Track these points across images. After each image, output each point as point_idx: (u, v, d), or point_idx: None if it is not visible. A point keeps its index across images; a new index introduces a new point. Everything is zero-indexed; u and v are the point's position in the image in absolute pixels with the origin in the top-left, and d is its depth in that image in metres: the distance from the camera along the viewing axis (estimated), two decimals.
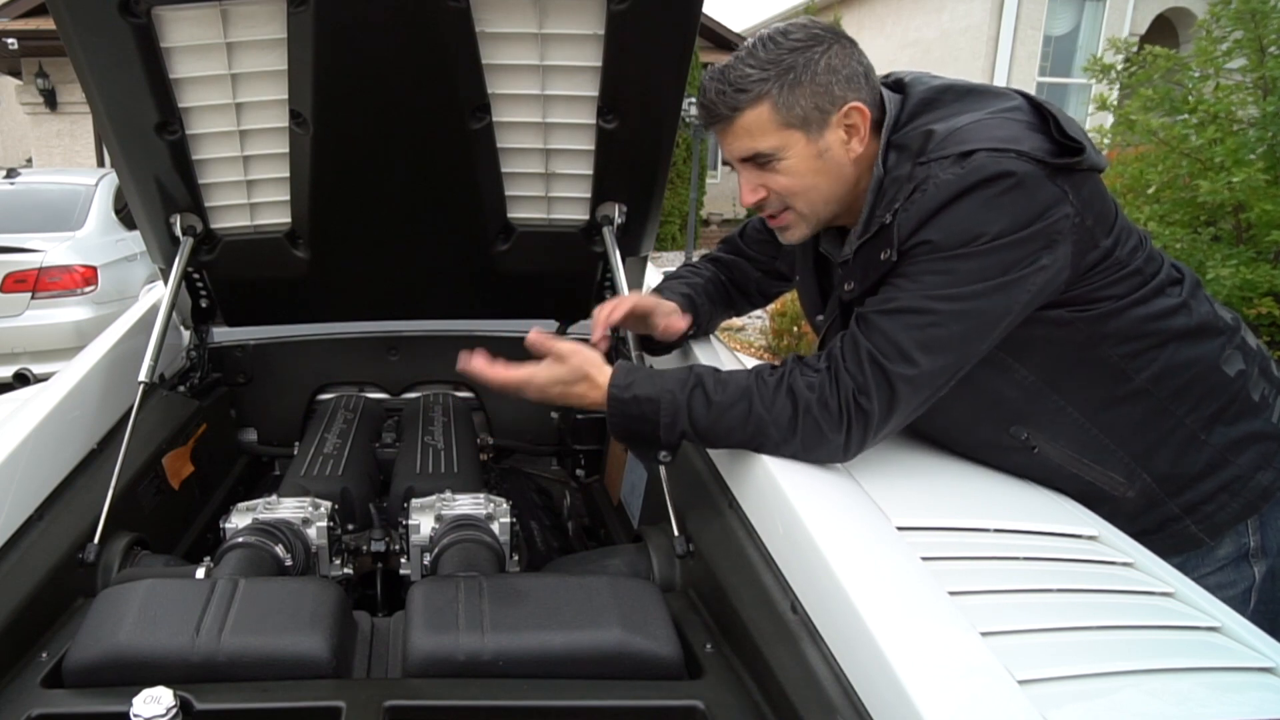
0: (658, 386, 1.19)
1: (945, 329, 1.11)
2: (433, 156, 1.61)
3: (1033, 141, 1.10)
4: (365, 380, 2.36)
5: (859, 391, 1.13)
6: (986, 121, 1.14)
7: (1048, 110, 1.14)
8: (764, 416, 1.16)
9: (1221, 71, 4.60)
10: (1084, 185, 1.12)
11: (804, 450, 1.16)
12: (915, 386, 1.13)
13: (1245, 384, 1.23)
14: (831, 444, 1.14)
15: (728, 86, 1.18)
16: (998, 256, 1.09)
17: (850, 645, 0.88)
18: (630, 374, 1.21)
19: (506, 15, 1.42)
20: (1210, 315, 1.24)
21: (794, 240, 1.32)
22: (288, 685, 0.98)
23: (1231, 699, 0.83)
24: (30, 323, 4.79)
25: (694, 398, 1.18)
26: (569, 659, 1.02)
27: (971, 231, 1.09)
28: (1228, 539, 1.28)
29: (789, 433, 1.15)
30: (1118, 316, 1.17)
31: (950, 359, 1.13)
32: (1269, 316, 4.28)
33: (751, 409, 1.16)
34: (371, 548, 1.57)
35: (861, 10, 13.96)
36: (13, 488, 1.26)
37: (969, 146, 1.10)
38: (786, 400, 1.15)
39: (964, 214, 1.09)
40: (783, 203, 1.25)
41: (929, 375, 1.12)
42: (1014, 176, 1.07)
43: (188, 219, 1.73)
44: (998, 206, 1.08)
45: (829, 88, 1.16)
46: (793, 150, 1.19)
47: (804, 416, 1.14)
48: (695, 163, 11.00)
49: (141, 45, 1.39)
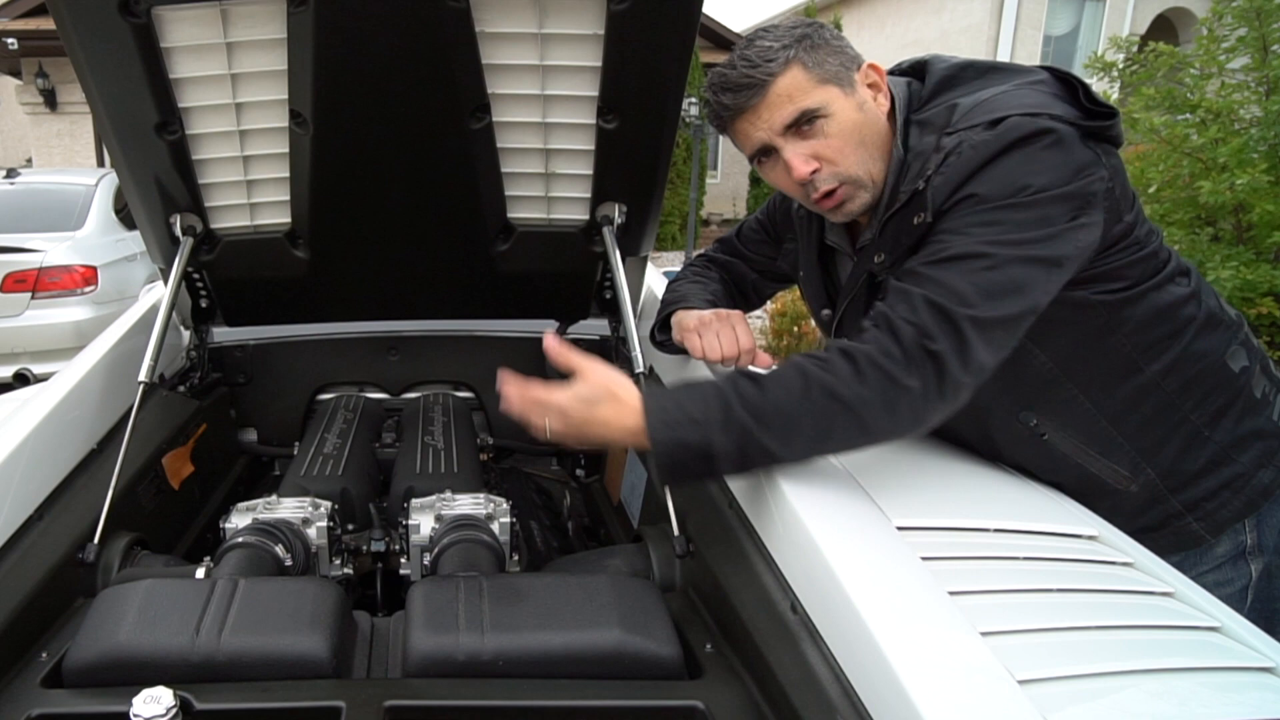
0: (695, 395, 1.06)
1: (1003, 273, 1.04)
2: (433, 156, 1.61)
3: (1061, 108, 1.10)
4: (365, 380, 2.36)
5: (923, 335, 1.02)
6: (1013, 92, 1.14)
7: (1074, 80, 1.14)
8: (825, 379, 1.02)
9: (1224, 70, 4.60)
10: (1111, 155, 1.12)
11: (885, 408, 1.02)
12: (983, 330, 1.03)
13: (1249, 380, 1.23)
14: (911, 392, 1.01)
15: (754, 60, 1.16)
16: (1044, 210, 1.06)
17: (850, 645, 0.88)
18: (660, 395, 1.10)
19: (506, 15, 1.42)
20: (1218, 309, 1.24)
21: (855, 212, 1.23)
22: (288, 685, 0.98)
23: (1231, 699, 0.83)
24: (30, 323, 4.79)
25: (740, 385, 1.05)
26: (569, 659, 1.02)
27: (1018, 183, 1.05)
28: (1226, 536, 1.28)
29: (860, 388, 1.01)
30: (1134, 304, 1.17)
31: (1013, 306, 1.04)
32: (1269, 317, 4.28)
33: (808, 378, 1.03)
34: (371, 548, 1.57)
35: (861, 10, 13.97)
36: (13, 488, 1.26)
37: (999, 114, 1.09)
38: (843, 361, 1.04)
39: (1008, 168, 1.06)
40: (836, 176, 1.19)
41: (994, 321, 1.04)
42: (1054, 134, 1.06)
43: (188, 219, 1.73)
44: (1041, 160, 1.06)
45: (843, 49, 1.19)
46: (835, 104, 1.17)
47: (869, 368, 1.02)
48: (695, 163, 11.00)
49: (141, 45, 1.39)
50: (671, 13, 1.38)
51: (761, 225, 1.61)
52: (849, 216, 1.25)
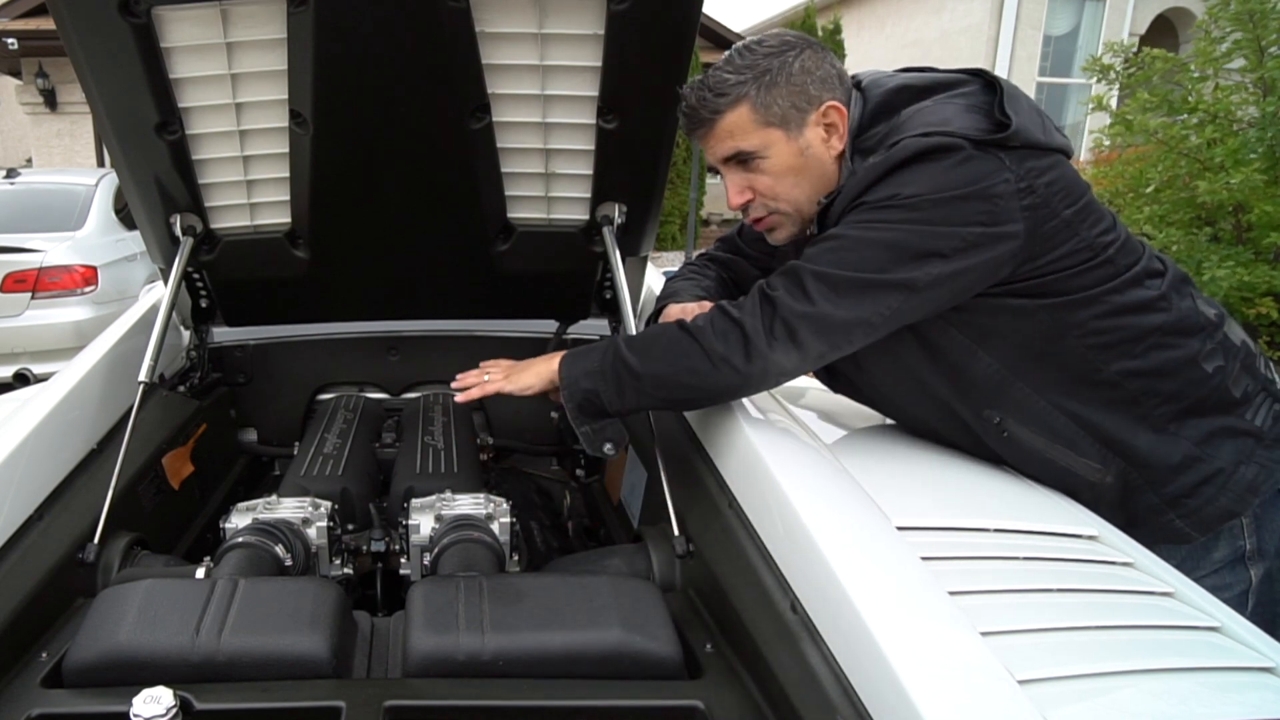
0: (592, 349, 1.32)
1: (855, 251, 1.15)
2: (433, 156, 1.61)
3: (964, 121, 1.14)
4: (365, 380, 2.36)
5: (767, 286, 1.21)
6: (924, 110, 1.18)
7: (999, 88, 1.17)
8: (685, 322, 1.26)
9: (1221, 72, 4.61)
10: (1029, 159, 1.14)
11: (719, 337, 1.21)
12: (824, 281, 1.16)
13: (1224, 380, 1.23)
14: (743, 325, 1.20)
15: (707, 92, 1.25)
16: (918, 211, 1.12)
17: (850, 645, 0.88)
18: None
19: (506, 15, 1.42)
20: (1191, 311, 1.23)
21: (782, 240, 1.36)
22: (288, 685, 0.98)
23: (1231, 699, 0.83)
24: (30, 323, 4.78)
25: (621, 339, 1.30)
26: (569, 659, 1.02)
27: (892, 191, 1.14)
28: (1223, 541, 1.27)
29: (705, 323, 1.23)
30: (1085, 307, 1.18)
31: (860, 271, 1.15)
32: (1268, 317, 4.29)
33: (677, 324, 1.26)
34: (371, 548, 1.57)
35: (861, 10, 13.97)
36: (13, 488, 1.26)
37: (897, 136, 1.16)
38: (683, 333, 1.25)
39: (888, 183, 1.15)
40: (766, 207, 1.31)
41: (839, 279, 1.15)
42: (941, 150, 1.11)
43: (188, 219, 1.73)
44: (921, 172, 1.13)
45: (804, 88, 1.23)
46: (774, 148, 1.25)
47: (716, 312, 1.24)
48: (695, 163, 11.00)
49: (141, 45, 1.39)
50: (671, 13, 1.38)
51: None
52: (778, 241, 1.38)
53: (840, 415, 1.57)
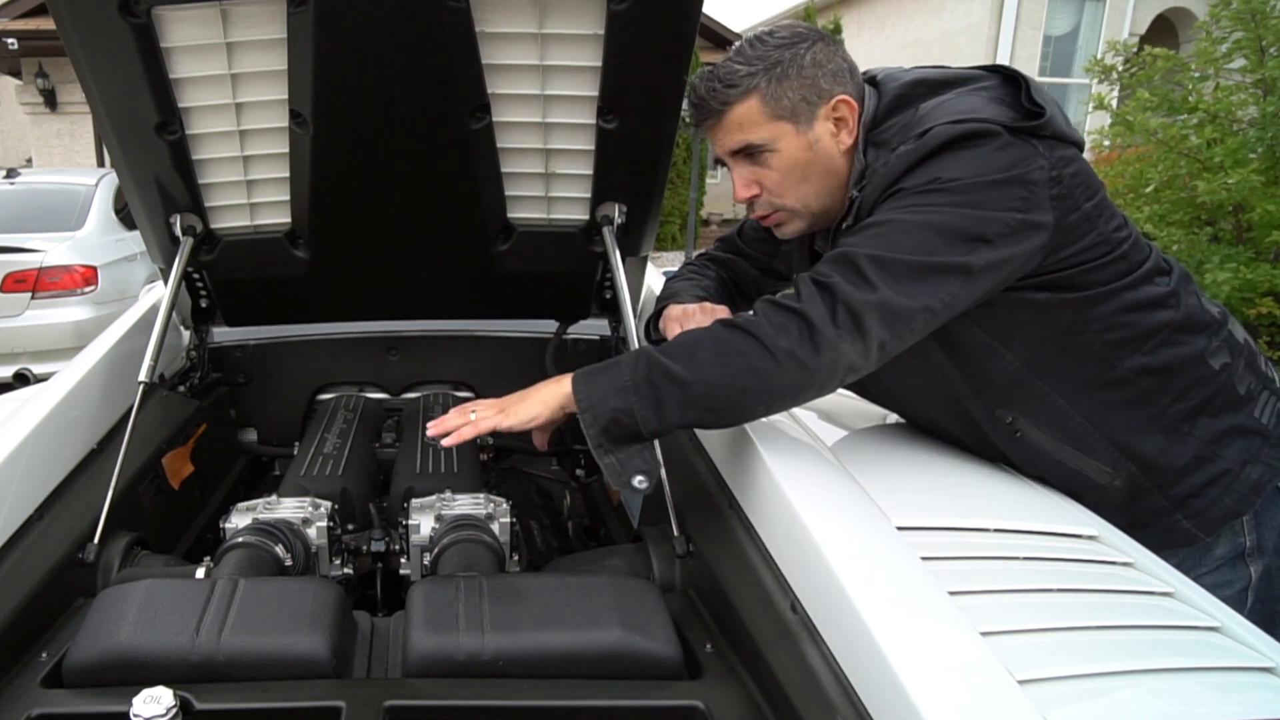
0: (613, 365, 1.16)
1: (906, 234, 1.09)
2: (432, 156, 1.61)
3: (993, 110, 1.13)
4: (365, 380, 2.36)
5: (820, 274, 1.11)
6: (951, 101, 1.17)
7: (1021, 79, 1.16)
8: (728, 319, 1.15)
9: (1221, 72, 4.61)
10: (1058, 148, 1.13)
11: (779, 330, 1.08)
12: (880, 266, 1.08)
13: (1230, 377, 1.23)
14: (806, 316, 1.09)
15: (717, 83, 1.22)
16: (959, 195, 1.09)
17: (850, 645, 0.88)
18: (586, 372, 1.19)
19: (506, 15, 1.42)
20: (1197, 308, 1.24)
21: (790, 235, 1.34)
22: (288, 685, 0.98)
23: (1231, 699, 0.83)
24: (30, 323, 4.78)
25: (653, 348, 1.14)
26: (569, 659, 1.02)
27: (932, 175, 1.11)
28: (1224, 538, 1.27)
29: (757, 317, 1.11)
30: (1104, 302, 1.18)
31: (914, 256, 1.08)
32: (1269, 317, 4.29)
33: (715, 324, 1.15)
34: (371, 548, 1.57)
35: (861, 10, 13.97)
36: (13, 488, 1.26)
37: (928, 125, 1.14)
38: (733, 330, 1.12)
39: (926, 168, 1.12)
40: (772, 203, 1.28)
41: (894, 262, 1.08)
42: (976, 135, 1.10)
43: (188, 219, 1.73)
44: (959, 158, 1.11)
45: (815, 81, 1.21)
46: (783, 142, 1.22)
47: (764, 304, 1.13)
48: (695, 163, 11.00)
49: (141, 45, 1.39)
50: (671, 13, 1.38)
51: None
52: (785, 236, 1.35)
53: (840, 415, 1.57)
